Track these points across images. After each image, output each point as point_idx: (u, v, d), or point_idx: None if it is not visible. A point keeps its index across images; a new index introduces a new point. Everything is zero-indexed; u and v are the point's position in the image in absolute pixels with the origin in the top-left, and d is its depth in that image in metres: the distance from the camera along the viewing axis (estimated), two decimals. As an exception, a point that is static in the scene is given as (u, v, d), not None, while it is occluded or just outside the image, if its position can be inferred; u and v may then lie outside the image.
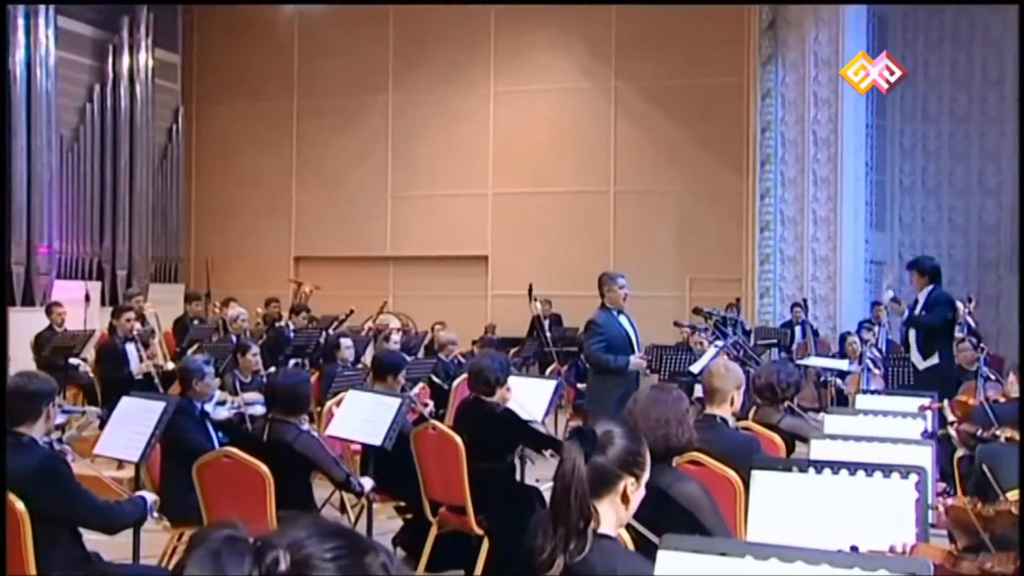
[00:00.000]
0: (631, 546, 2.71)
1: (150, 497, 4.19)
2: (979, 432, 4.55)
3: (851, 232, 13.36)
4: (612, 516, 2.45)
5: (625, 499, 2.46)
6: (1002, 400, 5.43)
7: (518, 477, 5.99)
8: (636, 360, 7.08)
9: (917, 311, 8.29)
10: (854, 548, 2.47)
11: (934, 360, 8.05)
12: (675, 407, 3.47)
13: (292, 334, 10.54)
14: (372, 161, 16.20)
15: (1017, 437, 4.30)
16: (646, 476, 2.52)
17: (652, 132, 14.97)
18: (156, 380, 8.36)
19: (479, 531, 5.28)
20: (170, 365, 8.73)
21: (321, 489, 6.56)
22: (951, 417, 5.16)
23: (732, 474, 4.04)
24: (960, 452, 4.91)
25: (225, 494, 4.64)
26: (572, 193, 15.30)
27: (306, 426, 4.98)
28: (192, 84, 16.54)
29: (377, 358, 6.76)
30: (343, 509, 6.43)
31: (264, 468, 4.48)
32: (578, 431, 2.50)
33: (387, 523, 6.16)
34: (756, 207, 13.55)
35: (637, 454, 2.49)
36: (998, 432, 4.39)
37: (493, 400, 5.53)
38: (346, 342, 8.50)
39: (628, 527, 2.69)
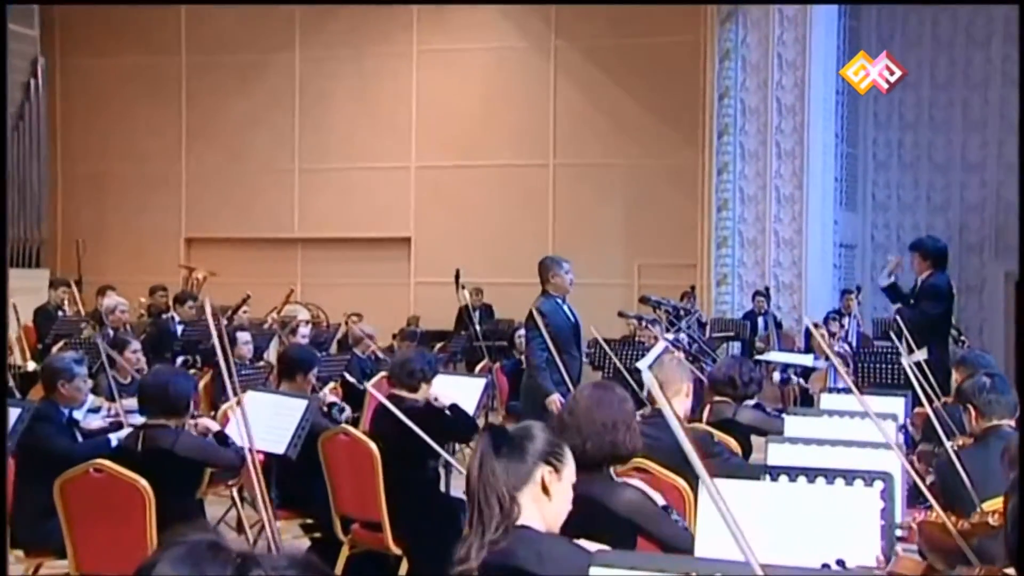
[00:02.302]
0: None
1: None
2: (935, 448, 4.69)
3: (818, 212, 13.59)
4: (535, 510, 2.60)
5: (546, 491, 2.63)
6: (951, 402, 5.57)
7: (442, 487, 5.99)
8: (553, 401, 6.98)
9: (910, 298, 8.45)
10: (841, 563, 2.54)
11: (923, 355, 8.19)
12: (621, 409, 3.50)
13: (180, 327, 10.40)
14: (276, 128, 16.03)
15: (969, 442, 4.43)
16: (568, 472, 2.69)
17: (596, 98, 15.04)
18: (13, 384, 8.12)
19: (397, 550, 5.28)
20: (31, 365, 8.53)
21: (215, 506, 6.51)
22: (915, 433, 5.29)
23: (681, 482, 4.10)
24: (929, 478, 5.02)
25: (95, 515, 4.51)
26: (506, 167, 15.31)
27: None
28: (55, 32, 16.10)
29: (285, 354, 6.71)
30: (240, 528, 6.37)
31: (143, 482, 4.40)
32: (490, 426, 2.68)
33: (291, 543, 6.11)
34: (713, 183, 13.70)
35: (556, 445, 2.70)
36: (950, 443, 4.52)
37: (414, 398, 5.52)
38: (243, 336, 8.42)
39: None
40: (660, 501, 3.44)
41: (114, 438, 5.36)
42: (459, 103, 15.48)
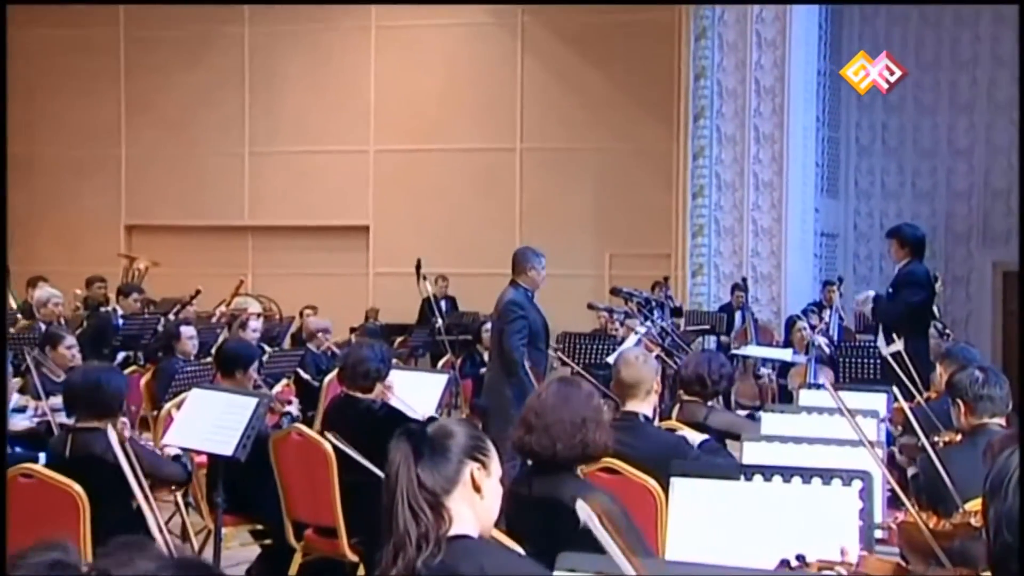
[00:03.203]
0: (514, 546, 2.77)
1: None
2: (918, 442, 4.72)
3: (799, 199, 13.65)
4: (468, 514, 2.53)
5: (476, 488, 2.54)
6: (933, 397, 5.62)
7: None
8: None
9: (887, 288, 8.54)
10: (800, 557, 2.55)
11: (899, 347, 8.27)
12: (589, 405, 3.52)
13: (121, 321, 10.33)
14: (224, 107, 15.93)
15: (957, 439, 4.48)
16: (495, 464, 2.62)
17: (566, 78, 15.04)
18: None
19: (353, 557, 5.28)
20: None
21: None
22: (894, 430, 5.34)
23: (653, 483, 4.12)
24: (911, 470, 5.08)
25: (23, 524, 4.46)
26: (470, 151, 15.29)
27: (126, 433, 4.87)
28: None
29: (222, 350, 6.68)
30: (184, 535, 6.34)
31: (77, 487, 4.36)
32: (406, 429, 2.57)
33: (240, 551, 6.08)
34: (688, 169, 13.74)
35: (479, 438, 2.62)
36: (936, 438, 4.56)
37: (369, 397, 5.52)
38: (188, 331, 8.38)
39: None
40: None
41: (42, 457, 5.25)
42: (420, 82, 15.43)
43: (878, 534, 3.44)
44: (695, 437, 4.87)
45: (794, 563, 2.55)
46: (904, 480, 5.06)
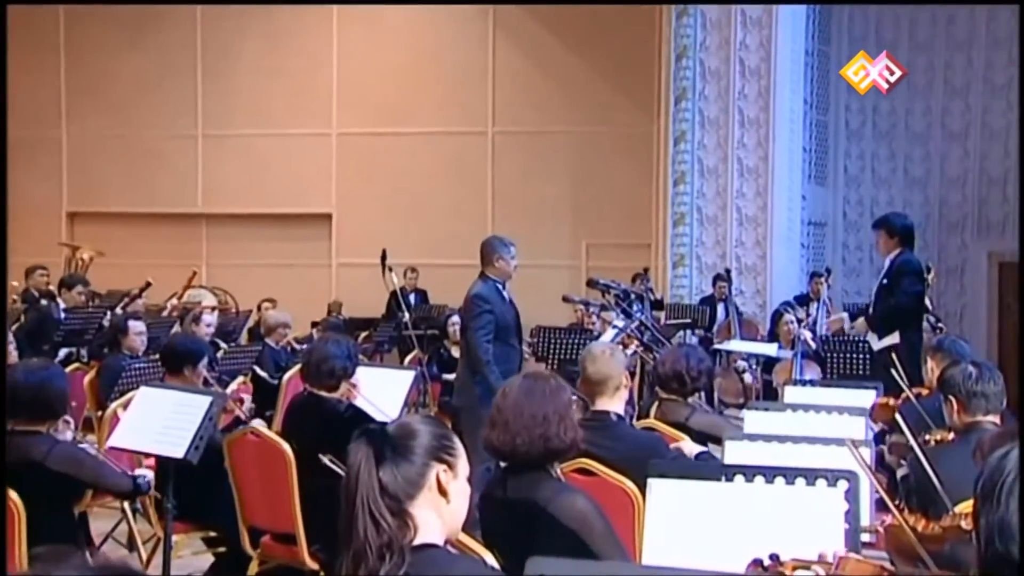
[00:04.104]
0: (491, 559, 2.76)
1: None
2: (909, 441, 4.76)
3: (785, 186, 13.70)
4: (434, 520, 2.50)
5: (442, 491, 2.51)
6: (925, 393, 5.66)
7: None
8: None
9: (880, 280, 8.59)
10: (774, 557, 2.56)
11: (893, 339, 8.33)
12: (554, 400, 3.52)
13: (63, 315, 10.27)
14: (175, 87, 15.85)
15: (949, 438, 4.52)
16: (462, 464, 2.59)
17: (540, 57, 15.04)
18: None
19: (313, 565, 5.27)
20: None
21: (101, 521, 6.44)
22: (874, 427, 5.36)
23: (629, 484, 4.13)
24: (902, 471, 5.11)
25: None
26: (439, 135, 15.29)
27: (68, 435, 4.84)
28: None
29: (168, 345, 6.64)
30: (131, 545, 6.32)
31: (14, 496, 4.33)
32: (366, 429, 2.54)
33: (192, 560, 6.08)
34: (668, 154, 13.76)
35: (444, 437, 2.58)
36: (928, 436, 4.59)
37: (334, 397, 5.51)
38: (136, 326, 8.31)
39: None
40: None
41: None
42: (386, 61, 15.41)
43: (865, 537, 3.46)
44: (692, 448, 4.88)
45: (767, 563, 2.56)
46: (893, 481, 5.10)
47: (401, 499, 2.44)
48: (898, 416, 4.51)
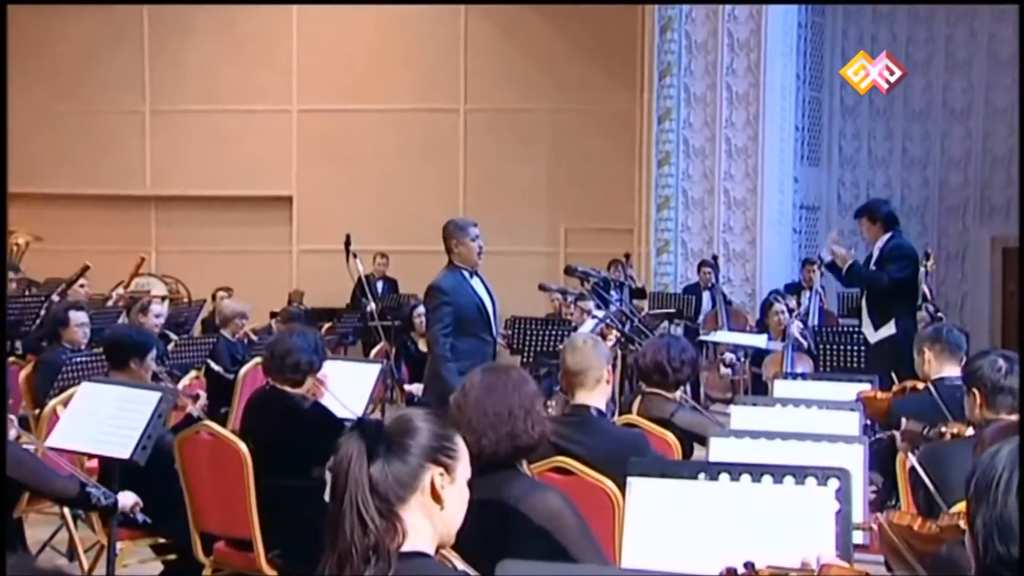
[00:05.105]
0: (461, 565, 2.75)
1: None
2: (925, 430, 4.76)
3: (776, 167, 13.75)
4: (425, 526, 2.48)
5: (436, 497, 2.48)
6: (919, 387, 5.68)
7: (327, 498, 5.97)
8: None
9: (869, 267, 8.64)
10: (749, 565, 2.56)
11: (889, 330, 8.38)
12: (518, 393, 3.52)
13: (-3, 305, 10.21)
14: (121, 59, 15.77)
15: (967, 432, 4.53)
16: (462, 468, 2.57)
17: (515, 30, 15.03)
18: None
19: (271, 572, 5.26)
20: None
21: (38, 528, 6.40)
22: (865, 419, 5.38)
23: (608, 484, 4.14)
24: (911, 459, 5.12)
25: None
26: (407, 112, 15.27)
27: (12, 433, 4.81)
28: None
29: (112, 337, 6.59)
30: (72, 554, 6.28)
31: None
32: (360, 421, 2.51)
33: (138, 569, 6.05)
34: (652, 134, 13.79)
35: (445, 438, 2.55)
36: (944, 428, 4.61)
37: (299, 392, 5.49)
38: (78, 316, 8.23)
39: None
40: None
41: None
42: (350, 33, 15.37)
43: (858, 537, 3.48)
44: None
45: (741, 571, 2.56)
46: (893, 481, 5.12)
47: (391, 500, 2.41)
48: (934, 395, 4.47)
